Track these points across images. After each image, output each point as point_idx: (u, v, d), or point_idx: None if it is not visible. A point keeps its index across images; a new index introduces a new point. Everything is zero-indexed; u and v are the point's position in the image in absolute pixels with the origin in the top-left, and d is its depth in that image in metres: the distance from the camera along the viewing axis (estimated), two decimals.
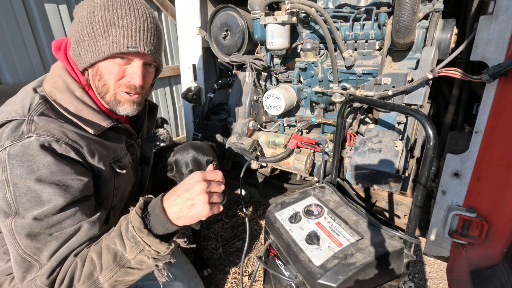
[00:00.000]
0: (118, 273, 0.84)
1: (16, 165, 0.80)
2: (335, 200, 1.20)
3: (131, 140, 1.17)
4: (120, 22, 0.89)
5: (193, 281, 1.40)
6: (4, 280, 1.05)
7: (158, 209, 0.85)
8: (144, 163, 1.30)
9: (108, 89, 0.97)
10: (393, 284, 0.98)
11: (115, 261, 0.83)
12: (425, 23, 1.22)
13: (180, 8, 1.87)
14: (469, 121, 1.39)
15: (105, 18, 0.88)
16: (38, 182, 0.81)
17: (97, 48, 0.90)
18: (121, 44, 0.89)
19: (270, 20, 1.38)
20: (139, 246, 0.82)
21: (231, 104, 1.75)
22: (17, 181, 0.80)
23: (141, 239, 0.81)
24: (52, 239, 0.84)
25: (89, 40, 0.90)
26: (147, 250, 0.83)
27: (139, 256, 0.83)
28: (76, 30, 0.92)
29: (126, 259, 0.84)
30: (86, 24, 0.89)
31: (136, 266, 0.85)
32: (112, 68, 0.94)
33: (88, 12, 0.89)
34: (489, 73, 0.99)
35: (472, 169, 1.13)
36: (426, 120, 0.86)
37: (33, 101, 0.89)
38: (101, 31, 0.89)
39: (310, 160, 1.58)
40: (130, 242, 0.83)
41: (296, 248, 0.99)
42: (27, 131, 0.83)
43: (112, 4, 0.89)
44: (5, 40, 2.03)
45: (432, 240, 1.29)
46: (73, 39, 0.93)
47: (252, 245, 2.28)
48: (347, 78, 1.42)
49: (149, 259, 0.84)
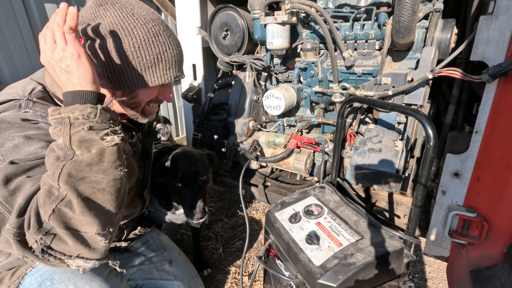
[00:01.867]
0: (66, 165, 0.72)
1: (4, 127, 0.80)
2: (335, 200, 1.20)
3: (130, 133, 1.18)
4: (166, 56, 0.94)
5: (193, 281, 1.40)
6: (5, 275, 1.06)
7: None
8: (146, 158, 1.33)
9: (139, 105, 1.01)
10: (393, 284, 0.98)
11: (58, 160, 0.73)
12: (425, 23, 1.22)
13: (180, 8, 1.87)
14: (469, 121, 1.39)
15: (154, 52, 0.91)
16: (26, 139, 0.80)
17: (145, 79, 0.93)
18: (169, 76, 0.96)
19: (270, 20, 1.38)
20: (64, 122, 0.73)
21: (231, 104, 1.75)
22: (3, 141, 0.80)
23: (60, 114, 0.73)
24: (27, 180, 0.77)
25: (135, 71, 0.91)
26: (73, 119, 0.73)
27: (73, 136, 0.73)
28: (116, 55, 0.88)
29: (64, 148, 0.73)
30: (132, 58, 0.89)
31: (81, 150, 0.73)
32: (151, 93, 1.00)
33: (132, 43, 0.88)
34: (489, 73, 0.99)
35: (472, 169, 1.13)
36: (426, 120, 0.86)
37: (35, 88, 0.92)
38: (149, 65, 0.91)
39: (310, 160, 1.58)
40: (56, 130, 0.74)
41: (296, 248, 0.99)
42: (25, 106, 0.85)
43: (156, 38, 0.91)
44: (5, 40, 2.03)
45: (432, 240, 1.29)
46: (111, 67, 0.89)
47: (252, 245, 2.28)
48: (347, 78, 1.42)
49: (86, 131, 0.73)
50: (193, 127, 1.95)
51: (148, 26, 0.90)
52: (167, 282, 1.34)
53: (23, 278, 1.06)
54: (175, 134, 3.60)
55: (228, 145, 1.75)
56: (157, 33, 0.91)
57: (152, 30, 0.91)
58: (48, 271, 1.03)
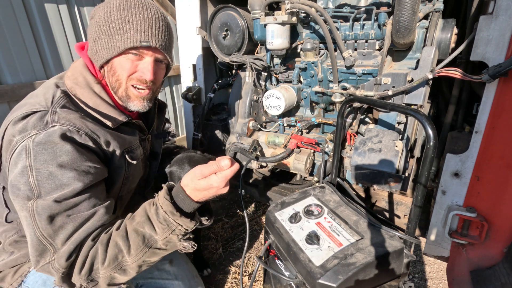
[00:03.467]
0: (146, 253, 0.92)
1: (40, 151, 0.86)
2: (335, 200, 1.20)
3: (143, 135, 1.22)
4: (134, 19, 0.95)
5: (193, 281, 1.40)
6: (7, 273, 1.07)
7: (183, 195, 0.95)
8: (154, 159, 1.35)
9: (121, 84, 1.03)
10: (393, 284, 0.98)
11: (144, 242, 0.91)
12: (425, 23, 1.22)
13: (180, 8, 1.87)
14: (469, 121, 1.39)
15: (120, 16, 0.95)
16: (59, 167, 0.87)
17: (113, 44, 0.96)
18: (135, 39, 0.96)
19: (270, 20, 1.38)
20: (171, 227, 0.91)
21: (231, 104, 1.75)
22: (39, 167, 0.86)
23: (174, 221, 0.90)
24: (69, 221, 0.89)
25: (106, 38, 0.96)
26: (178, 230, 0.92)
27: (169, 236, 0.92)
28: (93, 29, 0.98)
29: (154, 240, 0.92)
30: (103, 23, 0.95)
31: (162, 246, 0.94)
32: (125, 63, 1.00)
33: (105, 12, 0.96)
34: (489, 73, 0.99)
35: (472, 169, 1.13)
36: (426, 120, 0.86)
37: (55, 95, 0.96)
38: (116, 28, 0.95)
39: (310, 160, 1.58)
40: (161, 225, 0.91)
41: (296, 248, 0.99)
42: (51, 121, 0.90)
43: (127, 4, 0.96)
44: (5, 40, 2.04)
45: (432, 240, 1.29)
46: (91, 38, 1.00)
47: (252, 245, 2.28)
48: (347, 78, 1.42)
49: (178, 237, 0.93)
50: (193, 127, 1.95)
51: None
52: (168, 281, 1.34)
53: (26, 276, 1.07)
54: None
55: (228, 145, 1.75)
56: (130, 0, 0.96)
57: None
58: None
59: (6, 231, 1.07)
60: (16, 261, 1.07)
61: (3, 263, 1.07)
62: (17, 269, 1.08)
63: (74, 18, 2.47)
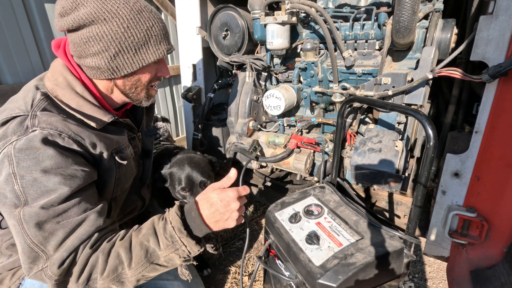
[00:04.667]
0: (147, 268, 0.90)
1: (22, 158, 0.83)
2: (335, 200, 1.20)
3: (132, 133, 1.20)
4: (154, 31, 0.96)
5: (193, 281, 1.40)
6: (5, 276, 1.06)
7: (195, 213, 0.93)
8: (146, 157, 1.33)
9: (143, 88, 1.05)
10: (393, 284, 0.98)
11: (146, 257, 0.89)
12: (425, 23, 1.22)
13: (180, 8, 1.87)
14: (469, 121, 1.39)
15: (141, 30, 0.93)
16: (43, 173, 0.84)
17: (141, 57, 0.97)
18: (162, 50, 0.99)
19: (270, 20, 1.38)
20: (175, 246, 0.89)
21: (231, 104, 1.75)
22: (23, 173, 0.83)
23: (180, 239, 0.88)
24: (59, 227, 0.86)
25: (130, 52, 0.94)
26: (181, 250, 0.89)
27: (171, 254, 0.90)
28: (106, 44, 0.91)
29: (157, 256, 0.90)
30: (123, 39, 0.91)
31: (164, 263, 0.92)
32: (151, 71, 1.03)
33: (118, 24, 0.90)
34: (489, 73, 0.99)
35: (472, 169, 1.13)
36: (426, 120, 0.86)
37: (35, 98, 0.93)
38: (141, 43, 0.95)
39: (310, 160, 1.58)
40: (166, 241, 0.89)
41: (296, 248, 0.99)
42: (31, 125, 0.86)
43: (142, 15, 0.94)
44: (5, 40, 2.03)
45: (432, 240, 1.29)
46: (106, 53, 0.92)
47: (252, 245, 2.28)
48: (347, 78, 1.42)
49: (180, 258, 0.91)
50: (193, 127, 1.95)
51: (130, 4, 0.91)
52: (167, 282, 1.34)
53: (24, 279, 1.06)
54: (175, 134, 3.60)
55: (228, 145, 1.75)
56: (140, 10, 0.93)
57: (135, 7, 0.92)
58: None
59: (2, 235, 1.04)
60: (14, 264, 1.06)
61: (2, 265, 1.05)
62: (15, 272, 1.07)
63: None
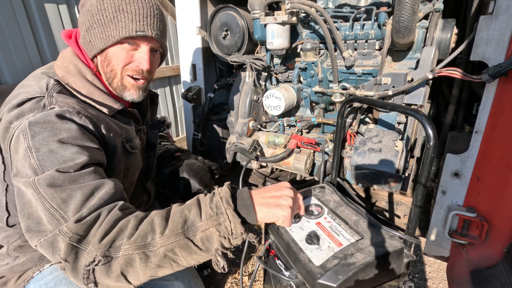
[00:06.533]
0: (179, 241, 0.77)
1: (38, 131, 0.81)
2: (335, 200, 1.20)
3: (138, 126, 1.20)
4: (128, 8, 0.93)
5: (193, 281, 1.40)
6: (10, 278, 1.05)
7: (246, 194, 0.85)
8: (151, 150, 1.34)
9: (116, 74, 1.01)
10: (393, 284, 0.98)
11: (183, 227, 0.78)
12: (425, 23, 1.22)
13: (180, 8, 1.87)
14: (469, 121, 1.39)
15: (114, 5, 0.92)
16: (60, 143, 0.81)
17: (107, 34, 0.94)
18: (130, 28, 0.94)
19: (270, 20, 1.38)
20: (219, 218, 0.78)
21: (231, 104, 1.75)
22: (38, 146, 0.80)
23: (226, 210, 0.79)
24: (76, 188, 0.79)
25: (99, 27, 0.94)
26: (224, 227, 0.78)
27: (211, 229, 0.78)
28: (86, 18, 0.95)
29: (195, 229, 0.78)
30: (95, 12, 0.93)
31: (199, 242, 0.79)
32: (121, 53, 0.98)
33: (97, 0, 0.93)
34: (489, 73, 0.99)
35: (472, 169, 1.13)
36: (426, 120, 0.86)
37: (49, 83, 0.93)
38: (110, 18, 0.92)
39: (310, 160, 1.58)
40: (210, 211, 0.79)
41: (296, 248, 0.99)
42: (48, 104, 0.86)
43: None
44: (5, 40, 2.03)
45: (432, 240, 1.29)
46: (83, 27, 0.97)
47: (252, 245, 2.28)
48: (347, 78, 1.42)
49: (219, 238, 0.79)
50: (193, 127, 1.95)
51: None
52: (167, 282, 1.34)
53: (29, 282, 1.05)
54: (175, 134, 3.60)
55: (228, 145, 1.75)
56: None
57: None
58: (53, 280, 1.02)
59: (9, 236, 1.01)
60: (23, 266, 1.03)
61: (9, 267, 1.03)
62: (20, 275, 1.05)
63: (74, 18, 2.47)
